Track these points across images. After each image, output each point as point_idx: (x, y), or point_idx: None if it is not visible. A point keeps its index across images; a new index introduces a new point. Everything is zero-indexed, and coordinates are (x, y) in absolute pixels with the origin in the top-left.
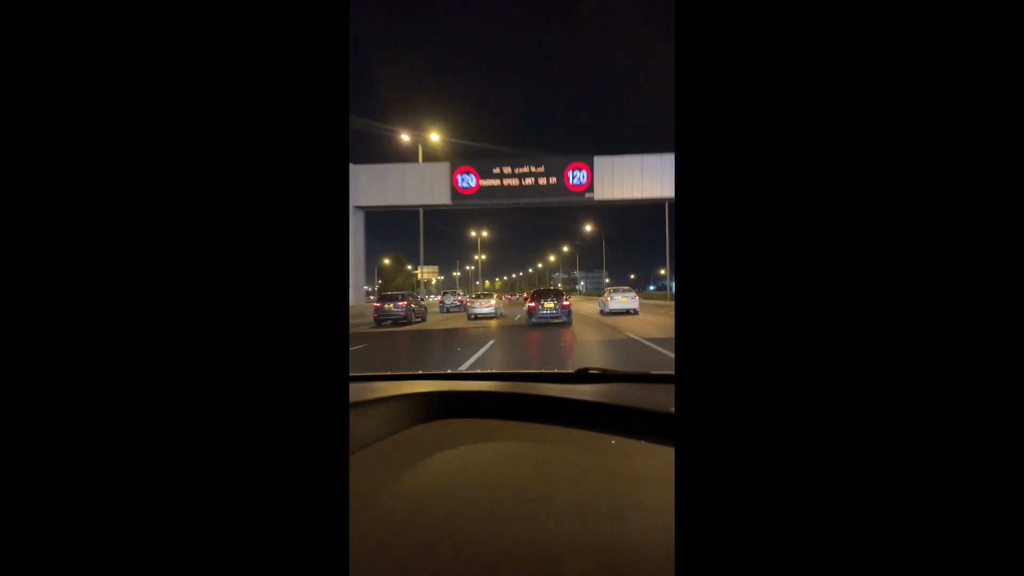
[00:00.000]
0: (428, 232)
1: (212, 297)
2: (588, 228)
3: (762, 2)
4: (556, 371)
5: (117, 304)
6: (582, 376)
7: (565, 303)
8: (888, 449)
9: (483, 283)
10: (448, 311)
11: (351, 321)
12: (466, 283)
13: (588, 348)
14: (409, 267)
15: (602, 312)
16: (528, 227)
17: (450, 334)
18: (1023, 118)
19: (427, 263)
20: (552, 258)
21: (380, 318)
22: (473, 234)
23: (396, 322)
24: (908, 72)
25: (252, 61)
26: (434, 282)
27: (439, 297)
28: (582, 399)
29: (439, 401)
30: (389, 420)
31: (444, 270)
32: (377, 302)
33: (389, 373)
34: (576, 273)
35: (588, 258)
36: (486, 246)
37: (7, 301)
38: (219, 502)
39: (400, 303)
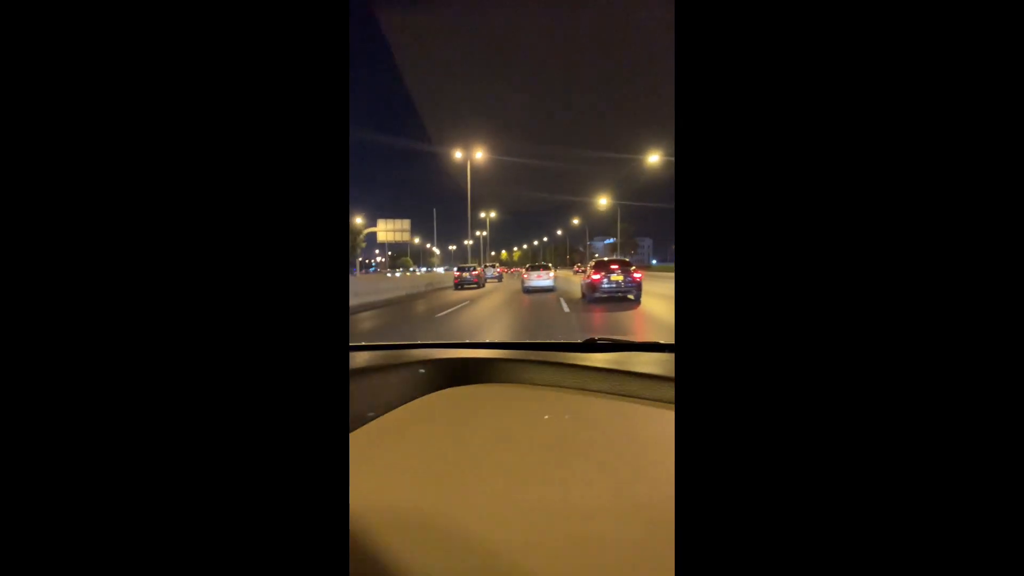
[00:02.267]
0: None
1: (214, 276)
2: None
3: (762, 2)
4: (566, 341)
5: (115, 289)
6: (591, 345)
7: (636, 275)
8: (888, 433)
9: (499, 253)
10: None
11: None
12: (478, 255)
13: None
14: (360, 220)
15: None
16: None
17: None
18: (1023, 118)
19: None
20: (576, 220)
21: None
22: (459, 155)
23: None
24: (908, 72)
25: (254, 55)
26: (439, 253)
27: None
28: (592, 366)
29: (455, 368)
30: (407, 386)
31: (439, 241)
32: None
33: (407, 343)
34: (606, 239)
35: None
36: (490, 198)
37: (3, 292)
38: (213, 480)
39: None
